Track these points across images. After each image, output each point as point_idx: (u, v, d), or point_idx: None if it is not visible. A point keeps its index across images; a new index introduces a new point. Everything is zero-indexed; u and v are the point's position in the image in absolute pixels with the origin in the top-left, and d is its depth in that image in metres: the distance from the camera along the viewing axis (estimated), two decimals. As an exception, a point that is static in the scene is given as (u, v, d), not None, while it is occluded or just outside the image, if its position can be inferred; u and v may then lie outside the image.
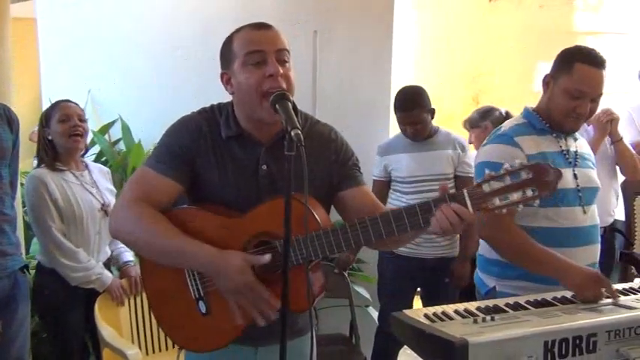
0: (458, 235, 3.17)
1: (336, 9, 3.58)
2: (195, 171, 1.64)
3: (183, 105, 1.86)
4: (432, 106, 3.09)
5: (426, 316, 1.66)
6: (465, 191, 1.43)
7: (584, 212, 2.13)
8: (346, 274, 3.36)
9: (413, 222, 1.46)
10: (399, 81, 3.55)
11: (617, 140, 3.25)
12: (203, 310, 1.63)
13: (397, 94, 3.11)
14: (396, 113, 3.10)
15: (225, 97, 1.71)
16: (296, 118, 1.50)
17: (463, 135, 3.37)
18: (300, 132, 1.36)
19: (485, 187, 1.41)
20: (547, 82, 2.14)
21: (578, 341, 1.56)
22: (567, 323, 1.58)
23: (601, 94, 2.08)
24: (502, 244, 2.10)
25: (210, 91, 1.90)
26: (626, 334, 1.62)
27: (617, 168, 3.31)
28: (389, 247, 1.75)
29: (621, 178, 3.38)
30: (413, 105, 3.02)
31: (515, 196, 1.42)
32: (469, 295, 2.48)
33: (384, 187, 3.21)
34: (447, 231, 1.43)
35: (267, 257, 1.51)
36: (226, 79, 1.63)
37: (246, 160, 1.63)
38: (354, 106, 3.58)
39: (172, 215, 1.61)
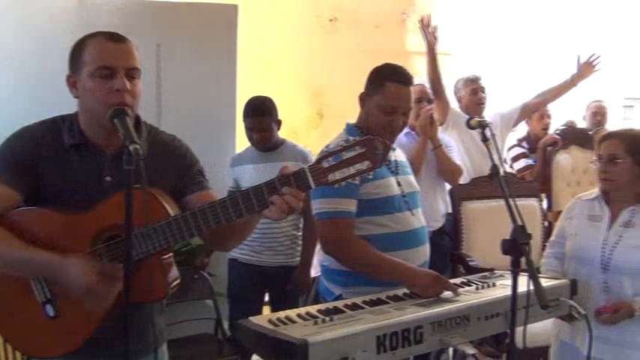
0: (301, 244, 3.28)
1: (179, 23, 3.59)
2: (36, 180, 1.60)
3: (18, 119, 1.78)
4: (280, 118, 3.19)
5: (270, 321, 1.73)
6: (305, 168, 1.50)
7: (413, 215, 2.30)
8: (206, 274, 3.41)
9: (248, 206, 1.50)
10: (244, 95, 3.62)
11: (436, 147, 3.45)
12: (51, 313, 1.59)
13: (248, 102, 3.16)
14: (245, 119, 3.15)
15: (62, 112, 1.68)
16: (138, 130, 1.50)
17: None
18: (138, 147, 1.38)
19: (325, 163, 1.49)
20: (362, 99, 2.30)
21: (406, 334, 1.72)
22: (396, 318, 1.73)
23: (411, 107, 2.28)
24: (347, 258, 2.19)
25: (44, 105, 1.84)
26: (447, 324, 1.81)
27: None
28: (234, 238, 1.79)
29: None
30: (262, 112, 3.09)
31: (352, 169, 1.49)
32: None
33: None
34: (284, 213, 1.48)
35: (111, 267, 1.51)
36: (72, 83, 1.63)
37: (90, 169, 1.63)
38: (200, 118, 3.60)
39: (11, 220, 1.57)
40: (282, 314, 1.79)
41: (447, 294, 2.00)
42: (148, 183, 1.38)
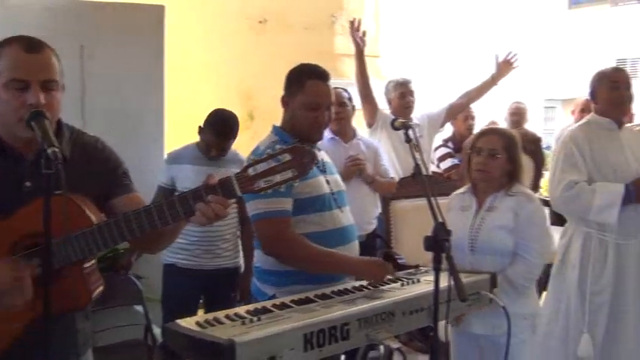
0: (240, 246, 3.28)
1: (104, 23, 3.52)
2: None
3: None
4: None
5: (197, 323, 1.72)
6: (231, 176, 1.51)
7: (342, 212, 2.35)
8: (134, 278, 3.35)
9: (174, 214, 1.49)
10: (173, 96, 3.59)
11: (370, 182, 3.47)
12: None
13: (217, 118, 3.11)
14: (208, 133, 3.09)
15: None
16: (59, 133, 1.47)
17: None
18: (57, 150, 1.35)
19: (251, 171, 1.50)
20: (286, 102, 2.35)
21: (333, 331, 1.75)
22: (323, 316, 1.76)
23: (332, 102, 2.35)
24: (290, 256, 2.21)
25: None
26: (373, 320, 1.86)
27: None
28: (160, 242, 1.78)
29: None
30: (229, 134, 3.11)
31: (278, 177, 1.51)
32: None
33: (167, 194, 3.19)
34: (211, 220, 1.49)
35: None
36: None
37: (9, 175, 1.58)
38: (126, 120, 3.55)
39: None
40: (210, 316, 1.78)
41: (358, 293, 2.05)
42: (71, 187, 1.36)
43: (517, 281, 2.46)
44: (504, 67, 4.15)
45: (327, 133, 2.59)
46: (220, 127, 3.10)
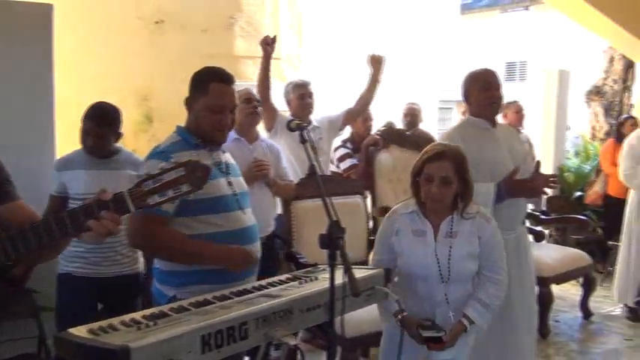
0: (140, 252, 3.21)
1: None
2: None
3: None
4: (121, 131, 3.11)
5: (90, 331, 1.68)
6: (124, 191, 1.49)
7: (244, 214, 2.38)
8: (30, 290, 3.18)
9: (63, 230, 1.47)
10: (64, 99, 3.45)
11: (272, 186, 3.49)
12: None
13: (93, 105, 3.03)
14: (84, 121, 3.00)
15: None
16: None
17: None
18: None
19: (145, 186, 1.49)
20: (189, 104, 2.36)
21: (231, 331, 1.77)
22: (221, 317, 1.77)
23: (236, 105, 2.38)
24: (154, 247, 2.27)
25: None
26: (271, 319, 1.89)
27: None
28: (44, 257, 1.73)
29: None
30: (104, 120, 3.00)
31: (171, 192, 1.52)
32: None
33: (60, 202, 3.07)
34: (102, 237, 1.48)
35: None
36: None
37: None
38: (11, 123, 3.37)
39: None
40: (104, 323, 1.74)
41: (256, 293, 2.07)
42: None
43: (493, 303, 2.46)
44: (375, 62, 4.24)
45: (231, 134, 2.59)
46: (93, 112, 3.03)
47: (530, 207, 3.60)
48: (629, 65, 9.49)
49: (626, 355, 4.13)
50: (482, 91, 3.03)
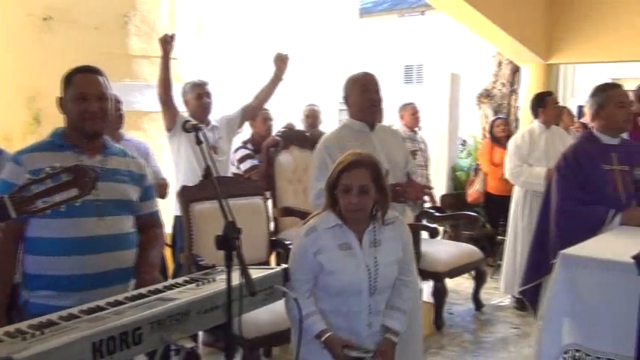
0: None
1: None
2: None
3: None
4: None
5: (-29, 344, 1.60)
6: (5, 197, 1.42)
7: (102, 221, 2.25)
8: None
9: None
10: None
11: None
12: None
13: None
14: None
15: None
16: None
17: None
18: None
19: (27, 191, 1.44)
20: (61, 105, 2.31)
21: (124, 337, 1.73)
22: (113, 323, 1.73)
23: (103, 93, 2.29)
24: None
25: None
26: (167, 322, 1.87)
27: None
28: None
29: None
30: None
31: (58, 197, 1.47)
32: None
33: None
34: None
35: None
36: None
37: None
38: None
39: None
40: (-14, 335, 1.66)
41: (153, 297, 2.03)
42: None
43: (408, 307, 2.47)
44: (279, 62, 4.28)
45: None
46: None
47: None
48: (515, 69, 10.10)
49: (513, 342, 4.40)
50: (362, 94, 3.06)
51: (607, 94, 3.14)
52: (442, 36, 16.14)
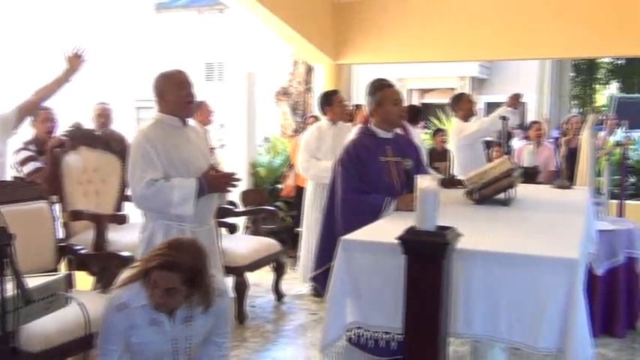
0: None
1: None
2: None
3: None
4: None
5: None
6: None
7: None
8: None
9: None
10: None
11: None
12: None
13: None
14: None
15: None
16: None
17: None
18: None
19: None
20: None
21: None
22: None
23: None
24: None
25: None
26: None
27: None
28: None
29: None
30: None
31: None
32: None
33: None
34: None
35: None
36: None
37: None
38: None
39: None
40: None
41: None
42: None
43: None
44: (74, 61, 4.08)
45: None
46: None
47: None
48: (310, 69, 10.60)
49: (311, 327, 4.64)
50: (178, 90, 3.14)
51: (384, 93, 3.44)
52: (241, 34, 16.34)
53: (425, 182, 2.17)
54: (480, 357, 3.06)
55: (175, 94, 3.14)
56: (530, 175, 5.56)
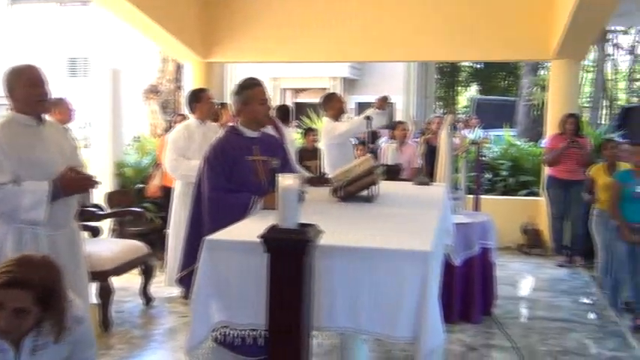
0: None
1: None
2: None
3: None
4: None
5: None
6: None
7: None
8: None
9: None
10: None
11: None
12: None
13: None
14: None
15: None
16: None
17: None
18: None
19: None
20: None
21: None
22: None
23: None
24: None
25: None
26: None
27: None
28: None
29: None
30: None
31: None
32: None
33: None
34: None
35: None
36: None
37: None
38: None
39: None
40: None
41: None
42: None
43: None
44: None
45: None
46: None
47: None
48: (179, 66, 10.37)
49: (181, 330, 4.54)
50: (28, 88, 3.00)
51: (251, 92, 3.42)
52: (107, 29, 15.65)
53: (286, 181, 2.19)
54: (345, 349, 3.16)
55: (25, 92, 3.01)
56: (393, 173, 5.82)
